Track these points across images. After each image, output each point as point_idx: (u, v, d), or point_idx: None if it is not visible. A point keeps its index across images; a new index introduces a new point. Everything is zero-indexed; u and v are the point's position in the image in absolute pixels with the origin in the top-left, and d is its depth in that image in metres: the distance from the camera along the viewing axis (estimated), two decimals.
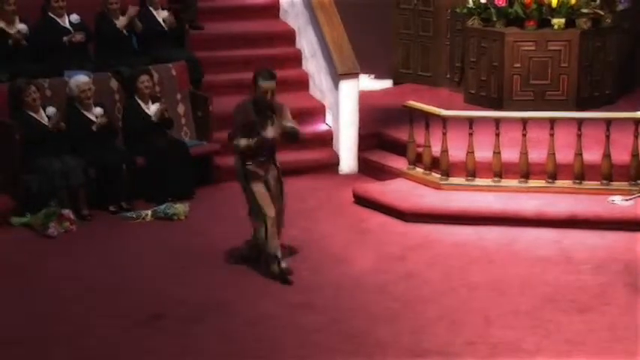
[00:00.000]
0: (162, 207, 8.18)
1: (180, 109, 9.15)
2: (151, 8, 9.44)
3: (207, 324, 6.27)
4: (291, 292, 6.69)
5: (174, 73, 9.15)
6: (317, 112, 9.72)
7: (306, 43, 10.14)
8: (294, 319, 6.29)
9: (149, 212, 8.17)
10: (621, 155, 8.06)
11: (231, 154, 9.12)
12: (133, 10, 9.19)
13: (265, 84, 6.70)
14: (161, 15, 9.46)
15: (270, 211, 6.84)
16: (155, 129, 8.59)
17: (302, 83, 10.08)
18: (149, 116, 8.60)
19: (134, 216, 8.14)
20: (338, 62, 9.36)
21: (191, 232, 7.85)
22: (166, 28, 9.41)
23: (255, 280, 6.92)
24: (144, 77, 8.62)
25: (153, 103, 8.68)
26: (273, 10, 10.77)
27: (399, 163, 8.80)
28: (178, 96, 9.16)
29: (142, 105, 8.64)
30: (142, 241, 7.70)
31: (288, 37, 10.41)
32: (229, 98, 9.60)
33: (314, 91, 9.99)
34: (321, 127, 9.64)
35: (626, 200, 7.92)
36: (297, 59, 10.27)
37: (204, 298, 6.62)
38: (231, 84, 9.84)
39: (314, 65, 9.95)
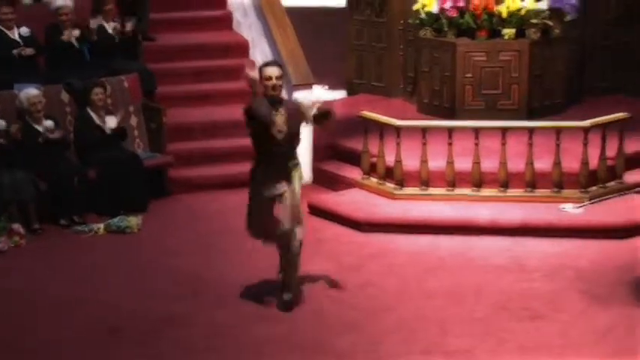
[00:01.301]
0: (115, 220, 8.12)
1: (133, 121, 9.10)
2: (102, 20, 9.38)
3: (165, 336, 6.23)
4: (248, 304, 6.67)
5: (126, 84, 9.09)
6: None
7: (260, 54, 10.15)
8: (252, 330, 6.28)
9: (101, 226, 8.10)
10: (571, 163, 8.19)
11: (183, 165, 9.16)
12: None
13: (268, 69, 6.26)
14: (113, 27, 9.40)
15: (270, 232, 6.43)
16: (108, 141, 8.52)
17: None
18: (102, 129, 8.53)
19: (86, 229, 8.06)
20: (292, 73, 9.38)
21: (144, 245, 7.80)
22: (117, 39, 9.35)
23: (211, 291, 6.89)
24: (98, 89, 8.56)
25: (107, 115, 8.62)
26: (226, 22, 10.77)
27: (353, 173, 8.84)
28: (131, 108, 9.10)
29: (95, 117, 8.57)
30: (94, 254, 7.63)
31: (242, 48, 10.42)
32: (183, 110, 9.62)
33: None
34: None
35: (577, 208, 8.04)
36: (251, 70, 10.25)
37: (161, 311, 6.57)
38: (185, 95, 9.83)
39: None
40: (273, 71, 6.27)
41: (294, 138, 6.38)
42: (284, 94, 9.48)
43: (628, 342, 6.03)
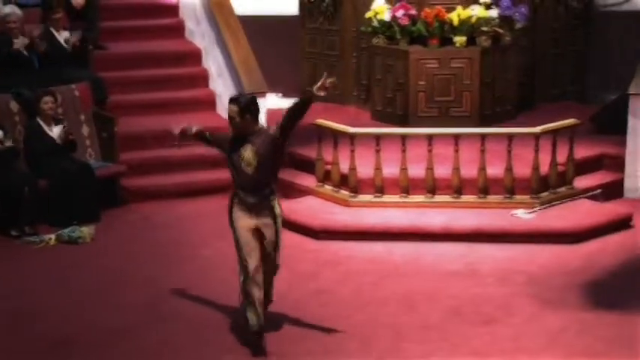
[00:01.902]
0: (67, 230, 8.03)
1: (85, 130, 9.01)
2: (52, 29, 9.28)
3: (118, 348, 6.16)
4: (202, 313, 6.64)
5: (77, 93, 9.01)
6: (225, 131, 9.67)
7: (213, 62, 10.13)
8: (208, 340, 6.25)
9: (53, 236, 8.00)
10: (523, 169, 8.29)
11: (137, 174, 9.09)
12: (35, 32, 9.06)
13: (229, 106, 6.01)
14: (63, 36, 9.31)
15: (251, 261, 5.95)
16: (59, 151, 8.43)
17: (209, 103, 10.06)
18: (52, 138, 8.44)
19: (37, 240, 7.96)
20: (245, 81, 9.38)
21: (97, 256, 7.72)
22: (69, 49, 9.26)
23: (163, 302, 6.84)
24: (47, 98, 8.46)
25: (56, 124, 8.53)
26: (178, 30, 10.74)
27: (308, 180, 8.85)
28: (82, 117, 9.02)
29: (45, 127, 8.47)
30: (46, 265, 7.54)
31: (195, 56, 10.39)
32: (136, 118, 9.56)
33: (222, 110, 9.97)
34: None
35: (529, 213, 8.14)
36: (204, 79, 10.24)
37: (113, 323, 6.51)
38: (137, 104, 9.78)
39: (221, 84, 9.94)
40: (231, 109, 6.02)
41: (267, 168, 5.97)
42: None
43: (579, 345, 6.11)
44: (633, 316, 6.50)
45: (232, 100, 6.04)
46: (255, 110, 6.04)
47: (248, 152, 5.96)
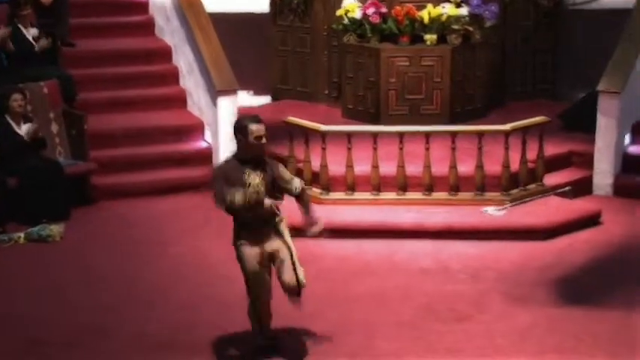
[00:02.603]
0: (36, 229, 7.95)
1: (54, 128, 8.93)
2: (20, 26, 9.18)
3: (88, 348, 6.12)
4: (174, 312, 6.61)
5: (46, 91, 8.92)
6: (196, 129, 9.66)
7: (183, 59, 10.08)
8: (178, 339, 6.22)
9: (22, 235, 7.92)
10: (493, 167, 8.34)
11: (107, 172, 9.03)
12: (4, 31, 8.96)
13: (256, 126, 5.58)
14: (31, 33, 9.21)
15: (262, 293, 5.79)
16: (27, 149, 8.34)
17: (180, 100, 10.02)
18: (21, 136, 8.35)
19: (6, 239, 7.88)
20: (216, 79, 9.34)
21: (67, 254, 7.66)
22: (37, 47, 9.17)
23: (136, 301, 6.80)
24: (16, 96, 8.37)
25: (25, 122, 8.44)
26: (148, 27, 10.66)
27: None
28: (51, 114, 8.93)
29: (14, 125, 8.38)
30: (15, 264, 7.46)
31: (165, 54, 10.33)
32: (106, 116, 9.49)
33: (192, 107, 9.94)
34: (201, 144, 9.59)
35: (499, 210, 8.19)
36: (174, 76, 10.19)
37: (84, 322, 6.46)
38: (108, 102, 9.71)
39: (192, 82, 9.89)
40: (258, 129, 5.61)
41: (274, 195, 5.74)
42: (209, 100, 9.51)
43: (549, 341, 6.16)
44: (602, 312, 6.56)
45: (258, 120, 5.64)
46: None
47: (256, 179, 5.63)
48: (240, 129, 5.63)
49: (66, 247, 7.81)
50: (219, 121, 9.30)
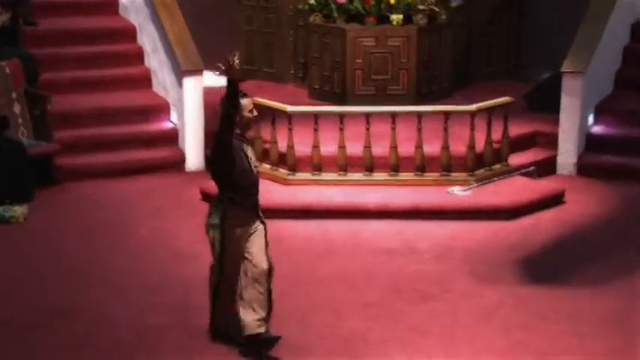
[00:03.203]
0: None
1: (16, 108, 8.81)
2: None
3: (54, 329, 6.08)
4: (139, 293, 6.58)
5: (8, 71, 8.79)
6: (161, 109, 9.59)
7: (148, 39, 9.98)
8: (143, 321, 6.20)
9: None
10: (459, 147, 8.37)
11: (72, 153, 8.94)
12: None
13: (246, 101, 5.61)
14: None
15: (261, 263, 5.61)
16: None
17: (145, 80, 9.93)
18: None
19: None
20: (181, 59, 9.27)
21: (31, 236, 7.59)
22: None
23: (102, 282, 6.76)
24: None
25: None
26: (112, 6, 10.55)
27: None
28: (13, 95, 8.80)
29: None
30: None
31: (129, 33, 10.22)
32: (70, 96, 9.39)
33: (157, 88, 9.86)
34: (166, 125, 9.52)
35: (464, 190, 8.24)
36: (138, 56, 10.10)
37: (50, 303, 6.41)
38: (70, 82, 9.60)
39: (157, 62, 9.81)
40: (249, 102, 5.64)
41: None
42: (174, 80, 9.44)
43: (514, 319, 6.22)
44: (566, 290, 6.64)
45: (244, 94, 5.62)
46: None
47: (251, 152, 5.70)
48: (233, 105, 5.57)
49: (30, 228, 7.74)
50: (185, 101, 9.23)
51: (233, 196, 5.61)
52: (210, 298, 5.87)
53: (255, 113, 5.73)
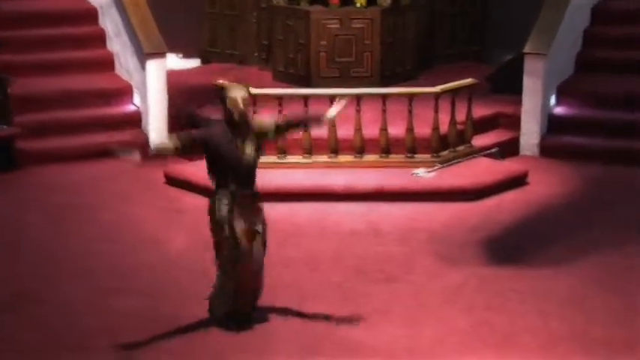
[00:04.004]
0: None
1: None
2: None
3: (20, 314, 6.04)
4: (105, 277, 6.55)
5: None
6: (124, 92, 9.52)
7: (110, 21, 9.88)
8: (109, 305, 6.17)
9: None
10: (423, 129, 8.41)
11: (35, 137, 8.85)
12: None
13: (236, 94, 5.52)
14: None
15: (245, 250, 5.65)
16: None
17: (107, 63, 9.84)
18: None
19: None
20: (144, 41, 9.19)
21: None
22: None
23: (65, 266, 6.72)
24: None
25: None
26: None
27: None
28: None
29: None
30: None
31: (91, 15, 10.12)
32: (31, 79, 9.28)
33: (120, 71, 9.77)
34: (129, 108, 9.45)
35: (429, 172, 8.28)
36: (101, 39, 10.00)
37: (15, 288, 6.36)
38: (32, 64, 9.50)
39: (119, 45, 9.72)
40: (243, 97, 5.54)
41: (257, 156, 5.70)
42: (137, 63, 9.35)
43: (477, 299, 6.28)
44: (529, 270, 6.72)
45: (239, 89, 5.58)
46: None
47: (247, 146, 5.59)
48: (222, 96, 5.56)
49: None
50: (148, 84, 9.17)
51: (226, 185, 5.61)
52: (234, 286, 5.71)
53: (242, 110, 5.53)
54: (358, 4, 9.71)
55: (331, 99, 8.29)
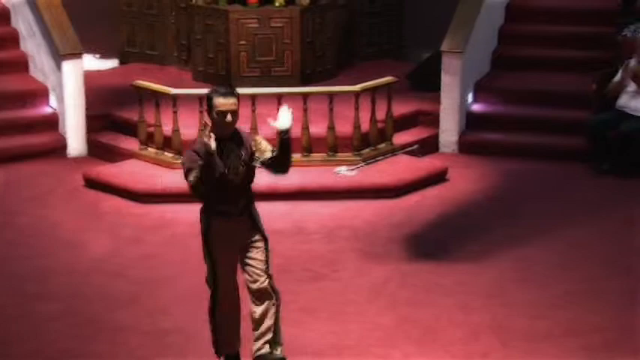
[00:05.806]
0: None
1: None
2: None
3: None
4: (24, 282, 6.40)
5: None
6: (40, 94, 9.32)
7: (23, 22, 9.65)
8: (29, 309, 6.04)
9: None
10: (345, 127, 8.45)
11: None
12: None
13: (221, 100, 4.96)
14: None
15: (225, 283, 5.23)
16: None
17: (21, 64, 9.63)
18: None
19: None
20: (59, 42, 9.01)
21: None
22: None
23: None
24: None
25: None
26: None
27: (130, 143, 8.66)
28: None
29: None
30: None
31: (2, 15, 9.86)
32: None
33: (35, 72, 9.55)
34: (46, 110, 9.26)
35: (351, 170, 8.32)
36: (14, 39, 9.76)
37: None
38: None
39: (33, 45, 9.51)
40: (231, 103, 4.98)
41: (250, 174, 5.26)
42: (52, 64, 9.16)
43: (402, 294, 6.35)
44: (451, 264, 6.81)
45: (227, 93, 4.98)
46: None
47: (233, 159, 5.07)
48: (207, 101, 5.03)
49: None
50: (65, 85, 8.99)
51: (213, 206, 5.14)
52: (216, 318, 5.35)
53: (229, 118, 4.99)
54: (277, 4, 9.71)
55: (252, 99, 8.28)
